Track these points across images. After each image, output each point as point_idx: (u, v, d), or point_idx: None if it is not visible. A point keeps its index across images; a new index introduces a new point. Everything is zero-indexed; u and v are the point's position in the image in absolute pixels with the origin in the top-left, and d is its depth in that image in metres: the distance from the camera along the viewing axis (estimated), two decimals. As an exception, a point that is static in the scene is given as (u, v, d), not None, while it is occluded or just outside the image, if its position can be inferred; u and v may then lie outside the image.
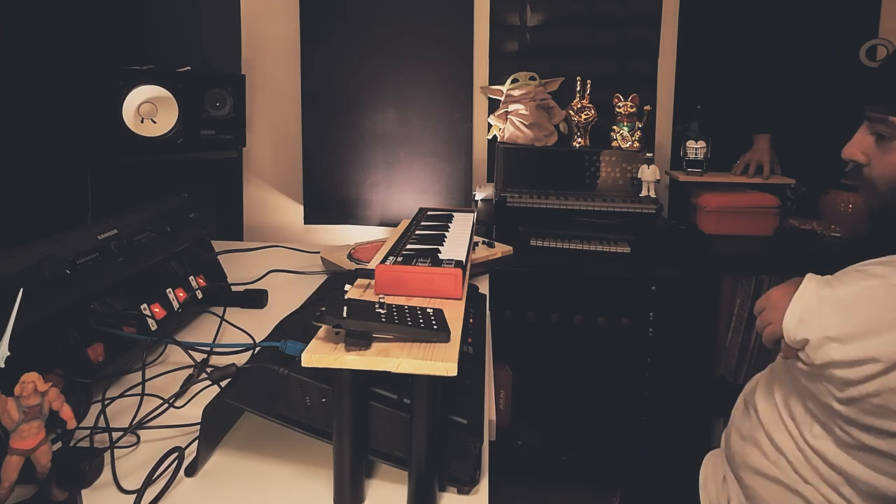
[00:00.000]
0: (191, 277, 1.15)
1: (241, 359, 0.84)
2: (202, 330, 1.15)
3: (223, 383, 0.77)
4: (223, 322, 1.11)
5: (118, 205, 1.78)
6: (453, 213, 1.24)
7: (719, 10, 2.26)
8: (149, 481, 0.68)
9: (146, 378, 0.87)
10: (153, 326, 0.98)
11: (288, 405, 0.69)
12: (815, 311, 0.79)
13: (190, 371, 0.92)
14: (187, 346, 0.92)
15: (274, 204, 2.54)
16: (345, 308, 0.64)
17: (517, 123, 2.17)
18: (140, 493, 0.66)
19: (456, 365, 0.60)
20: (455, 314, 0.73)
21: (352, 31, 2.38)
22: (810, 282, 0.82)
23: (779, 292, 0.85)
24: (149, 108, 1.64)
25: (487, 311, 1.23)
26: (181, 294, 1.09)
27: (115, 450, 0.74)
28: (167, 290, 1.06)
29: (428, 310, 0.71)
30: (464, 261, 0.85)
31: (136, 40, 1.92)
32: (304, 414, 0.69)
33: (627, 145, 2.11)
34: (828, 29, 2.18)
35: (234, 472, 0.73)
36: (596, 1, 2.31)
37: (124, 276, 0.98)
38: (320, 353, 0.61)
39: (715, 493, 1.02)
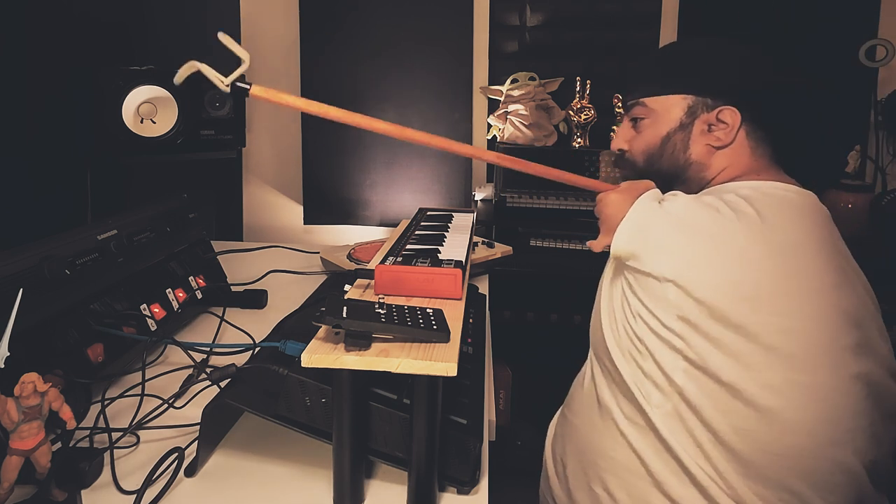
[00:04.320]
0: (191, 278, 1.15)
1: (241, 359, 0.84)
2: (202, 330, 1.15)
3: (223, 383, 0.77)
4: (223, 322, 1.11)
5: (118, 205, 1.78)
6: (453, 214, 1.24)
7: (719, 11, 2.26)
8: (149, 481, 0.68)
9: (146, 378, 0.87)
10: (153, 327, 0.98)
11: (288, 405, 0.69)
12: (646, 226, 0.83)
13: (190, 371, 0.92)
14: (187, 347, 0.92)
15: (274, 204, 2.54)
16: (344, 308, 0.64)
17: (517, 124, 2.17)
18: (140, 493, 0.66)
19: (456, 365, 0.60)
20: (455, 314, 0.73)
21: (352, 31, 2.38)
22: (643, 199, 0.85)
23: (617, 198, 0.88)
24: (148, 109, 1.64)
25: (487, 311, 1.23)
26: (181, 294, 1.09)
27: (115, 450, 0.74)
28: (167, 291, 1.06)
29: (428, 310, 0.71)
30: (464, 261, 0.85)
31: (136, 40, 1.92)
32: (303, 414, 0.69)
33: (627, 145, 2.11)
34: (828, 29, 2.18)
35: (234, 472, 0.73)
36: (596, 1, 2.31)
37: (124, 277, 0.98)
38: (320, 354, 0.61)
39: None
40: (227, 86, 0.83)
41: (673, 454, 0.80)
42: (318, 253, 1.56)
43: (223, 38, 0.82)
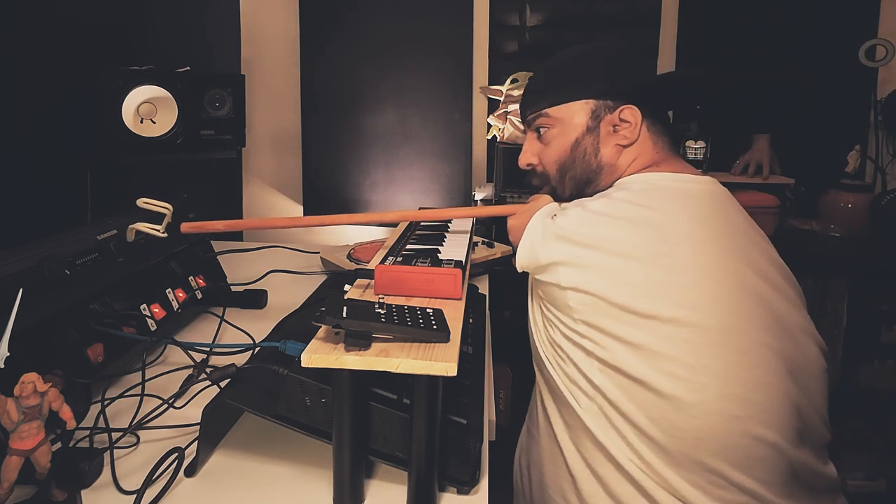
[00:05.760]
0: (190, 277, 1.15)
1: (241, 359, 0.84)
2: (202, 330, 1.15)
3: (223, 383, 0.77)
4: (223, 322, 1.11)
5: (118, 205, 1.77)
6: (453, 214, 1.23)
7: (719, 11, 2.26)
8: (149, 481, 0.68)
9: (146, 378, 0.87)
10: (153, 327, 0.98)
11: (288, 405, 0.69)
12: (539, 241, 0.87)
13: (190, 371, 0.92)
14: (187, 347, 0.92)
15: (274, 204, 2.54)
16: (344, 308, 0.64)
17: (517, 123, 2.17)
18: (140, 493, 0.66)
19: (456, 365, 0.60)
20: (455, 314, 0.73)
21: (352, 30, 2.38)
22: (537, 218, 0.90)
23: (516, 222, 0.95)
24: (148, 109, 1.64)
25: (487, 311, 1.24)
26: (181, 294, 1.09)
27: (115, 450, 0.74)
28: (167, 291, 1.06)
29: (428, 310, 0.71)
30: (463, 261, 0.85)
31: (136, 40, 1.92)
32: (303, 414, 0.69)
33: (627, 145, 2.10)
34: (827, 29, 2.18)
35: (234, 472, 0.73)
36: (596, 1, 2.31)
37: (124, 276, 0.98)
38: (320, 354, 0.61)
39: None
40: (164, 232, 1.04)
41: (608, 454, 0.82)
42: (318, 253, 1.56)
43: (141, 202, 1.04)
